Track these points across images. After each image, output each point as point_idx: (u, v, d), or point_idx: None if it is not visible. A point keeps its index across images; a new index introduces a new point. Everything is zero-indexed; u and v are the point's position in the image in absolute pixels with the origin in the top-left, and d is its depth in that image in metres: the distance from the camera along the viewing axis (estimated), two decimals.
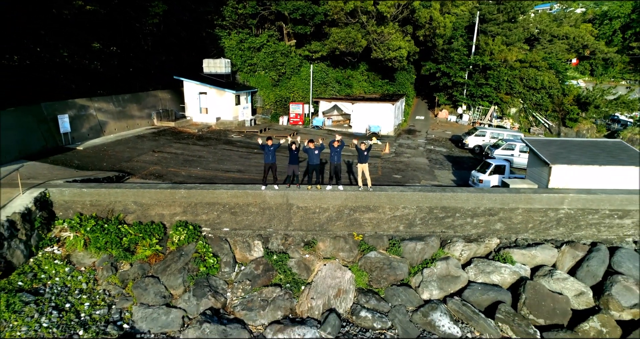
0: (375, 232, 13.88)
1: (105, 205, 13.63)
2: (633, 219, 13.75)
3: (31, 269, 12.08)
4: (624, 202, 13.64)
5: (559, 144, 16.14)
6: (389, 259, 13.23)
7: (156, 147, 23.81)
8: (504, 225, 13.83)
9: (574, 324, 12.02)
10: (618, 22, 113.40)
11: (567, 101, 41.85)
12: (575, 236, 13.89)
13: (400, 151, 28.37)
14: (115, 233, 13.15)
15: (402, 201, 13.71)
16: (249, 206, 13.74)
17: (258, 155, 23.65)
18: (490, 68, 42.14)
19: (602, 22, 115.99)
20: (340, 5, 32.37)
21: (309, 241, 13.70)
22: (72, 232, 13.18)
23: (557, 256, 13.58)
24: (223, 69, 32.80)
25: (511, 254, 13.45)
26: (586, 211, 13.70)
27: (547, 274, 12.95)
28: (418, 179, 21.42)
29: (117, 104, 26.40)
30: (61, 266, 12.49)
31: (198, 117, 31.46)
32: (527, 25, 47.44)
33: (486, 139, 30.16)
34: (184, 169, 20.16)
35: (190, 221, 13.73)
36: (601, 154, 15.27)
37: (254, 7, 32.66)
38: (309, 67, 34.83)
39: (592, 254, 13.33)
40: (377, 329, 11.78)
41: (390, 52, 35.19)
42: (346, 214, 13.83)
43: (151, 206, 13.64)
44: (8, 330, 9.99)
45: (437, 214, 13.74)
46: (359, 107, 33.42)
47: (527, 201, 13.66)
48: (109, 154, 21.39)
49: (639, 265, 12.99)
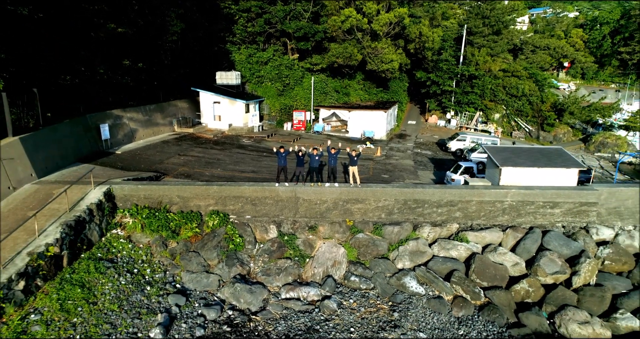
0: (362, 219, 17.98)
1: (155, 198, 17.73)
2: (561, 209, 17.84)
3: (104, 245, 16.16)
4: (554, 196, 17.75)
5: (510, 151, 20.25)
6: (373, 239, 17.34)
7: (180, 151, 27.92)
8: (462, 213, 17.92)
9: (509, 286, 16.14)
10: (607, 27, 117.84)
11: (545, 108, 45.94)
12: (516, 221, 17.99)
13: (390, 154, 32.45)
14: (164, 219, 17.24)
15: (384, 195, 17.81)
16: (266, 199, 17.83)
17: (267, 158, 27.74)
18: (476, 77, 46.15)
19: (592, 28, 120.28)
20: (338, 24, 36.46)
21: (312, 225, 17.79)
22: (131, 219, 17.27)
23: (502, 237, 17.68)
24: (234, 81, 36.91)
25: (467, 236, 17.55)
26: (525, 203, 17.80)
27: (492, 250, 17.05)
28: (403, 178, 25.49)
29: (144, 113, 30.51)
30: (125, 243, 16.58)
31: (212, 123, 35.56)
32: (510, 37, 51.40)
33: (466, 143, 34.21)
34: (207, 169, 24.25)
35: (220, 210, 17.82)
36: (542, 158, 19.36)
37: (262, 26, 36.78)
38: (310, 78, 38.94)
39: (528, 236, 17.43)
40: (363, 289, 15.88)
41: (383, 64, 39.25)
42: (340, 205, 17.92)
43: (190, 199, 17.74)
44: (99, 285, 14.06)
45: (410, 205, 17.84)
46: (355, 114, 37.52)
47: (480, 195, 17.76)
48: (143, 157, 25.49)
49: (563, 243, 17.08)
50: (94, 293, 13.65)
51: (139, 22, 31.51)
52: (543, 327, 14.70)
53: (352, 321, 14.33)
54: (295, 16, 36.28)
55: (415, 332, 13.98)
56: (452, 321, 14.74)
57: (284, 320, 14.25)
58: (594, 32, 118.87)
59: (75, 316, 12.58)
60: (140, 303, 14.01)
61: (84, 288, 13.64)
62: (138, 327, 12.98)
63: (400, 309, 14.94)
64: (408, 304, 15.19)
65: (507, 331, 14.58)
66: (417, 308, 15.07)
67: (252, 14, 36.92)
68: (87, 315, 12.78)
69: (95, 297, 13.55)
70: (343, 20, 36.26)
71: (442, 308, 15.12)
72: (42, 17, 22.39)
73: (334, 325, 14.08)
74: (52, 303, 12.66)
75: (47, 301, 12.70)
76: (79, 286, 13.62)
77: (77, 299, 13.17)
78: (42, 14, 22.53)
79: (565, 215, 17.93)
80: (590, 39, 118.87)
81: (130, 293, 14.24)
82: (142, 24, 32.07)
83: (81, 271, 14.30)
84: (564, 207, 17.88)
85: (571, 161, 19.18)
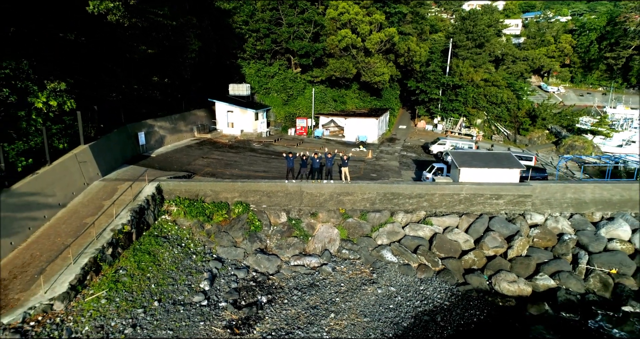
0: (352, 207, 23.39)
1: (193, 191, 23.15)
2: (504, 200, 23.25)
3: (158, 226, 21.58)
4: (499, 190, 23.15)
5: (469, 155, 25.67)
6: (359, 222, 22.77)
7: (203, 154, 33.34)
8: (428, 203, 23.33)
9: (461, 256, 21.57)
10: (594, 33, 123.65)
11: (521, 114, 51.34)
12: (470, 210, 23.40)
13: (379, 156, 37.86)
14: (201, 208, 22.66)
15: (368, 190, 23.23)
16: (278, 192, 23.25)
17: (275, 159, 33.11)
18: (460, 86, 51.58)
19: (580, 33, 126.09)
20: (336, 43, 41.87)
21: (313, 212, 23.20)
22: (175, 207, 22.69)
23: (459, 221, 23.09)
24: (244, 92, 42.33)
25: (431, 220, 22.97)
26: (476, 195, 23.21)
27: (450, 231, 22.48)
28: (388, 176, 30.88)
29: (170, 122, 35.93)
30: (172, 225, 22.01)
31: (226, 130, 40.98)
32: (492, 50, 56.79)
33: (446, 147, 39.59)
34: (227, 170, 29.66)
35: (243, 201, 23.23)
36: (493, 161, 24.77)
37: (269, 45, 42.19)
38: (311, 89, 44.35)
39: (478, 220, 22.85)
40: (351, 259, 21.32)
41: (376, 76, 44.69)
42: (335, 197, 23.33)
43: (220, 192, 23.16)
44: (160, 253, 19.48)
45: (388, 197, 23.26)
46: (350, 121, 42.94)
47: (442, 189, 23.18)
48: (174, 159, 30.91)
49: (504, 226, 22.50)
50: (158, 258, 19.11)
51: (164, 44, 36.91)
52: (483, 285, 20.14)
53: (343, 280, 19.77)
54: (298, 36, 41.70)
55: (388, 287, 19.42)
56: (416, 281, 20.17)
57: (293, 279, 19.69)
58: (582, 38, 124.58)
59: (148, 272, 18.03)
60: (190, 266, 19.47)
61: (151, 255, 19.10)
62: (191, 281, 18.44)
63: (378, 272, 20.38)
64: (384, 269, 20.64)
65: (456, 288, 20.01)
66: (391, 271, 20.51)
67: (260, 34, 42.35)
68: (156, 272, 18.23)
69: (159, 261, 19.01)
70: (340, 39, 41.68)
71: (409, 271, 20.56)
72: (85, 42, 27.62)
73: (329, 282, 19.52)
74: (131, 264, 18.11)
75: (128, 262, 18.15)
76: (147, 253, 19.07)
77: (147, 262, 18.62)
78: (84, 38, 27.76)
79: (507, 205, 23.34)
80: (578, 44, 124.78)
81: (182, 259, 19.70)
82: (167, 45, 37.48)
83: (146, 243, 19.75)
84: (506, 199, 23.30)
85: (515, 163, 24.59)
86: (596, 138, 51.20)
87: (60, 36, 24.01)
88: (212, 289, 18.27)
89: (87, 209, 20.52)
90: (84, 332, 14.37)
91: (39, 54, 22.40)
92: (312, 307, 17.66)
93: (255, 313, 16.94)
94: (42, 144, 20.71)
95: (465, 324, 17.76)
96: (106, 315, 15.28)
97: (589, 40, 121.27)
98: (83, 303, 15.42)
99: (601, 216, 23.64)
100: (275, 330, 16.10)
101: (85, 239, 17.88)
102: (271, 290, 18.78)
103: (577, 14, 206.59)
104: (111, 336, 14.48)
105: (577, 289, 19.91)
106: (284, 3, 41.57)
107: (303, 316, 17.07)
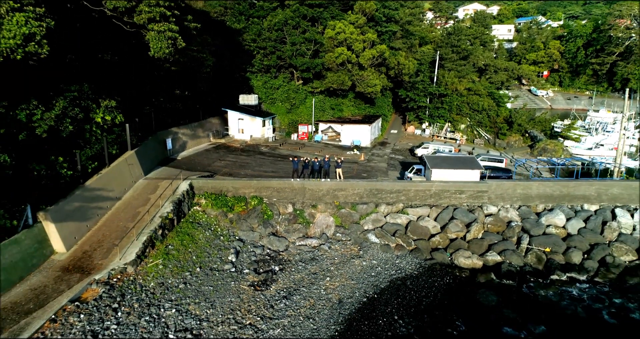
0: (344, 200, 29.26)
1: (217, 188, 29.01)
2: (466, 195, 29.12)
3: (191, 215, 27.42)
4: (461, 186, 29.02)
5: (440, 158, 31.55)
6: (350, 212, 28.67)
7: (220, 157, 39.21)
8: (405, 197, 29.21)
9: (429, 238, 27.47)
10: (581, 40, 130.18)
11: (500, 120, 57.25)
12: (439, 202, 29.28)
13: (371, 159, 43.72)
14: (224, 201, 28.51)
15: (357, 186, 29.10)
16: (285, 188, 29.11)
17: (281, 162, 38.91)
18: (445, 95, 57.47)
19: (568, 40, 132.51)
20: (333, 59, 47.73)
21: (313, 204, 29.07)
22: (204, 200, 28.54)
23: (429, 211, 28.95)
24: (253, 102, 48.20)
25: (407, 211, 28.84)
26: (444, 191, 29.07)
27: (422, 219, 28.36)
28: (376, 176, 36.71)
29: (191, 129, 41.81)
30: (203, 214, 27.87)
31: (238, 135, 46.86)
32: (475, 61, 62.69)
33: (429, 150, 45.46)
34: (242, 170, 35.51)
35: (257, 195, 29.07)
36: (459, 163, 30.65)
37: (275, 60, 48.10)
38: (312, 99, 50.22)
39: (444, 211, 28.72)
40: (343, 240, 27.21)
41: (369, 87, 50.56)
42: (331, 192, 29.17)
43: (240, 188, 29.03)
44: (196, 235, 25.31)
45: (374, 192, 29.12)
46: (346, 127, 48.83)
47: (416, 186, 29.05)
48: (196, 161, 36.78)
49: (464, 215, 28.37)
50: (194, 238, 25.00)
51: (186, 62, 42.75)
52: (445, 260, 26.02)
53: (336, 255, 25.67)
54: (300, 54, 47.57)
55: (371, 260, 25.31)
56: (393, 257, 26.03)
57: (298, 255, 25.58)
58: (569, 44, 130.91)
59: (189, 248, 23.92)
60: (219, 244, 25.37)
61: (189, 236, 24.99)
62: (221, 255, 24.33)
63: (364, 250, 26.27)
64: (369, 247, 26.52)
65: (424, 262, 25.88)
66: (374, 249, 26.39)
67: (267, 51, 48.24)
68: (194, 248, 24.12)
69: (196, 240, 24.90)
70: (337, 56, 47.55)
71: (388, 250, 26.45)
72: (119, 60, 33.32)
73: (326, 257, 25.40)
74: (176, 241, 24.00)
75: (173, 240, 24.04)
76: (186, 234, 24.96)
77: (187, 240, 24.51)
78: (117, 57, 33.45)
79: (468, 198, 29.23)
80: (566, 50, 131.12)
81: (212, 239, 25.60)
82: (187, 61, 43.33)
83: (184, 227, 25.64)
84: (468, 194, 29.18)
85: (476, 165, 30.48)
86: (568, 141, 56.99)
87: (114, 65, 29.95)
88: (238, 261, 24.17)
89: (137, 201, 26.44)
90: (151, 287, 20.25)
91: (96, 78, 28.34)
92: (312, 273, 23.56)
93: (270, 277, 22.86)
94: (101, 150, 26.62)
95: (429, 287, 23.63)
96: (164, 276, 21.17)
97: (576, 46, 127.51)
98: (146, 267, 21.32)
99: (543, 208, 29.52)
100: (285, 288, 22.00)
101: (142, 223, 23.79)
102: (282, 262, 24.68)
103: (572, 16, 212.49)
104: (170, 289, 20.37)
105: (517, 263, 25.79)
106: (287, 24, 47.47)
107: (306, 279, 22.98)
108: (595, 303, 23.14)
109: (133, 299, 19.03)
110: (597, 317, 22.01)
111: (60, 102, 24.31)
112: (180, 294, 20.23)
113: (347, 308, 20.95)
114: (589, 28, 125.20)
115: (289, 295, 21.37)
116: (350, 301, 21.52)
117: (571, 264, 25.95)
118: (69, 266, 20.60)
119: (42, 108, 23.08)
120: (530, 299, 23.35)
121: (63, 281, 19.44)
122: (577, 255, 26.30)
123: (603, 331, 20.96)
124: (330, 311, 20.55)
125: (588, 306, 22.86)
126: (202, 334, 17.95)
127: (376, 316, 20.60)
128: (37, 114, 22.66)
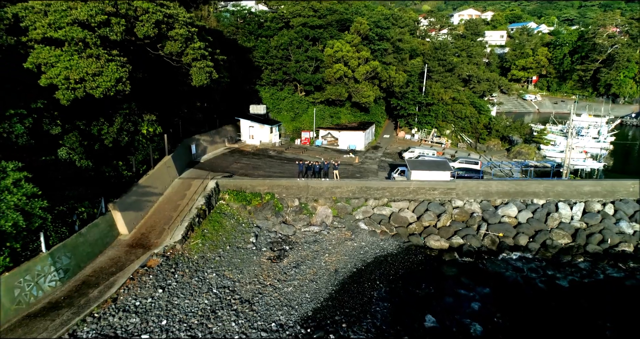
0: (340, 196, 36.25)
1: (238, 186, 35.99)
2: (438, 191, 36.11)
3: (218, 207, 34.40)
4: (434, 184, 36.01)
5: (418, 162, 38.54)
6: (345, 205, 35.69)
7: (235, 160, 46.18)
8: (389, 193, 36.19)
9: (407, 226, 34.50)
10: (567, 47, 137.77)
11: (480, 126, 64.21)
12: (416, 197, 36.26)
13: (364, 161, 50.68)
14: (243, 196, 35.50)
15: (351, 185, 36.10)
16: (292, 186, 36.10)
17: (287, 164, 45.84)
18: (432, 104, 64.41)
19: (555, 47, 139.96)
20: (332, 74, 54.71)
21: (315, 199, 36.05)
22: (228, 195, 35.51)
23: (409, 205, 35.96)
24: (262, 111, 55.15)
25: (391, 204, 35.86)
26: (420, 188, 36.06)
27: (402, 211, 35.38)
28: (368, 176, 43.65)
29: (210, 136, 48.80)
30: (227, 207, 34.86)
31: (249, 141, 53.84)
32: (460, 73, 69.67)
33: (415, 154, 52.41)
34: (255, 171, 42.48)
35: (270, 192, 36.04)
36: (434, 166, 37.64)
37: (281, 75, 55.12)
38: (313, 108, 57.20)
39: (420, 204, 35.71)
40: (339, 227, 34.22)
41: (363, 98, 57.48)
42: (329, 190, 36.15)
43: (256, 186, 36.02)
44: (224, 222, 32.30)
45: (364, 189, 36.11)
46: (343, 133, 55.81)
47: (398, 184, 36.05)
48: (216, 164, 43.75)
49: (437, 207, 35.36)
50: (223, 225, 32.00)
51: None
52: (419, 242, 33.03)
53: (333, 239, 32.69)
54: (303, 70, 54.57)
55: (360, 242, 32.31)
56: (378, 240, 33.03)
57: (303, 238, 32.59)
58: (556, 51, 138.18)
59: (220, 232, 30.92)
60: (242, 230, 32.37)
61: (218, 223, 31.99)
62: (244, 238, 31.34)
63: (355, 235, 33.26)
64: (359, 233, 33.53)
65: (403, 244, 32.87)
66: (363, 234, 33.39)
67: (274, 66, 55.27)
68: (223, 232, 31.13)
69: (224, 226, 31.90)
70: (335, 71, 54.54)
71: (374, 234, 33.45)
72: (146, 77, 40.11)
73: (325, 239, 32.42)
74: (209, 227, 30.99)
75: (207, 226, 31.03)
76: (216, 222, 31.97)
77: (217, 226, 31.50)
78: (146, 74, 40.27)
79: (440, 194, 36.23)
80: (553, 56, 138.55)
81: (236, 226, 32.60)
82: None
83: (214, 217, 32.64)
84: (439, 190, 36.18)
85: (447, 167, 37.49)
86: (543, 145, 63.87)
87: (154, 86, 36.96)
88: (257, 242, 31.20)
89: (176, 196, 33.47)
90: (195, 259, 27.25)
91: (141, 97, 35.35)
92: (315, 251, 30.59)
93: (283, 253, 29.88)
94: (147, 156, 33.63)
95: (405, 262, 30.63)
96: (203, 251, 28.17)
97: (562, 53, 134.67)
98: (190, 245, 28.32)
99: (501, 202, 36.51)
100: (294, 261, 29.02)
101: (182, 213, 30.79)
102: (291, 243, 31.70)
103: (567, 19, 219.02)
104: (209, 260, 27.38)
105: (476, 245, 32.78)
106: (292, 44, 54.49)
107: (310, 255, 30.00)
108: (532, 273, 30.18)
109: (184, 266, 26.06)
110: (531, 283, 29.05)
111: (118, 118, 31.38)
112: (217, 264, 27.27)
113: (341, 275, 27.98)
114: (575, 36, 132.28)
115: (297, 266, 28.41)
116: (343, 271, 28.54)
117: (518, 246, 32.98)
118: (133, 244, 27.60)
119: (107, 124, 30.14)
120: (483, 271, 30.39)
121: (131, 253, 26.43)
122: (523, 239, 33.32)
123: (533, 291, 27.99)
124: (328, 277, 27.57)
125: (526, 275, 29.89)
126: (236, 290, 24.99)
127: (362, 281, 27.63)
128: (105, 128, 29.71)
